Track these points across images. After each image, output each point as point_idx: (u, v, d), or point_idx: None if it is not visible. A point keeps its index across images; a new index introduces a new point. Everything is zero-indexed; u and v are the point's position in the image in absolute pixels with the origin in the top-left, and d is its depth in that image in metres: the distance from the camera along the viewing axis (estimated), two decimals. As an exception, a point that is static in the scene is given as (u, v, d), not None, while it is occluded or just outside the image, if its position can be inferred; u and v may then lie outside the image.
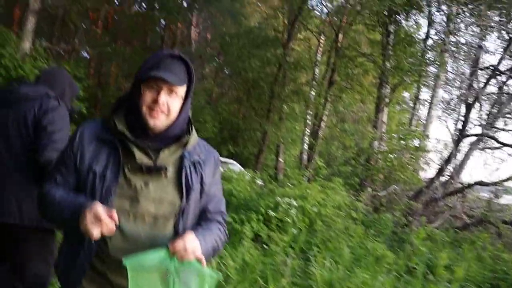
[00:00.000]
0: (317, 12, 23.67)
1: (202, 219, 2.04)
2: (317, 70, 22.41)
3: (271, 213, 6.93)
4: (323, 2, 22.86)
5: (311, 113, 21.74)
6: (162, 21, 29.38)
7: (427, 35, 16.80)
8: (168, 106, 1.88)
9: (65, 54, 24.07)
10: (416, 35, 18.68)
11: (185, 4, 26.77)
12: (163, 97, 1.86)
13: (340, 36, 20.81)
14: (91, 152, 1.89)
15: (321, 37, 22.73)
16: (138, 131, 1.89)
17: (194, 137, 2.04)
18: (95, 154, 1.89)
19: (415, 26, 20.18)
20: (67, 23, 27.25)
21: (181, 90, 1.92)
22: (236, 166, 18.53)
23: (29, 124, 3.05)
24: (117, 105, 1.97)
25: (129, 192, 1.86)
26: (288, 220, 6.99)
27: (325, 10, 23.02)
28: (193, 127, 2.06)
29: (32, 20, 15.10)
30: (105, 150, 1.89)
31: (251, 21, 29.14)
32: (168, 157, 1.94)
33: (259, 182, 12.58)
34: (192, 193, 1.96)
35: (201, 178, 2.02)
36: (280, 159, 22.39)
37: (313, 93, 21.49)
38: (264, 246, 6.63)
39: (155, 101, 1.85)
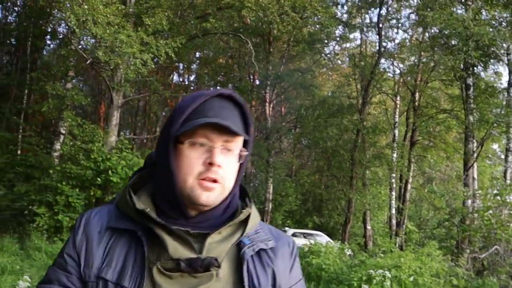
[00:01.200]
0: (389, 74, 23.57)
1: None
2: (396, 132, 21.99)
3: (365, 286, 6.55)
4: (395, 63, 22.78)
5: (395, 176, 21.14)
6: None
7: (510, 83, 16.11)
8: (223, 171, 1.22)
9: (148, 142, 25.26)
10: (498, 84, 18.01)
11: (257, 82, 27.65)
12: (220, 156, 1.20)
13: (417, 94, 20.49)
14: (101, 250, 1.24)
15: (397, 98, 22.47)
16: (173, 213, 1.25)
17: (255, 215, 1.33)
18: (106, 252, 1.24)
19: (495, 76, 19.54)
20: (148, 113, 28.84)
21: (238, 145, 1.26)
22: (323, 238, 18.11)
23: None
24: (137, 181, 1.35)
25: None
26: (384, 292, 6.57)
27: (397, 71, 22.89)
28: (251, 200, 1.37)
29: (116, 115, 16.11)
30: (121, 246, 1.24)
31: (324, 91, 29.46)
32: (218, 246, 1.23)
33: (348, 252, 12.14)
34: None
35: (273, 276, 1.30)
36: (368, 227, 21.67)
37: (395, 155, 20.99)
38: (361, 323, 6.24)
39: (209, 164, 1.19)
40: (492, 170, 25.42)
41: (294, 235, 19.90)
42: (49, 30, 21.34)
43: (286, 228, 21.33)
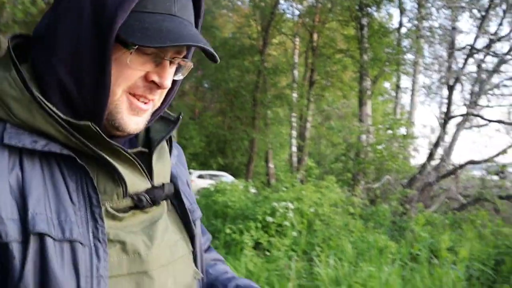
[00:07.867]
0: (289, 15, 23.79)
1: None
2: (296, 72, 22.47)
3: (269, 219, 6.88)
4: (293, 5, 22.98)
5: (295, 115, 21.77)
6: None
7: (400, 24, 16.95)
8: (162, 91, 0.89)
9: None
10: (390, 25, 18.83)
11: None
12: (170, 75, 0.86)
13: (315, 35, 20.91)
14: (13, 186, 0.73)
15: (296, 39, 22.82)
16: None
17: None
18: (21, 189, 0.73)
19: (387, 17, 20.39)
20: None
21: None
22: (228, 178, 18.50)
23: None
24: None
25: (128, 265, 0.81)
26: (287, 223, 6.94)
27: (296, 12, 23.16)
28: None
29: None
30: (39, 179, 0.75)
31: (225, 32, 29.21)
32: (163, 167, 0.93)
33: (253, 190, 12.53)
34: (197, 222, 1.02)
35: (188, 185, 1.07)
36: (270, 165, 22.35)
37: (295, 95, 21.53)
38: (266, 252, 6.58)
39: (152, 82, 0.84)
40: (384, 107, 26.94)
41: (200, 176, 20.15)
42: None
43: (191, 171, 21.50)
